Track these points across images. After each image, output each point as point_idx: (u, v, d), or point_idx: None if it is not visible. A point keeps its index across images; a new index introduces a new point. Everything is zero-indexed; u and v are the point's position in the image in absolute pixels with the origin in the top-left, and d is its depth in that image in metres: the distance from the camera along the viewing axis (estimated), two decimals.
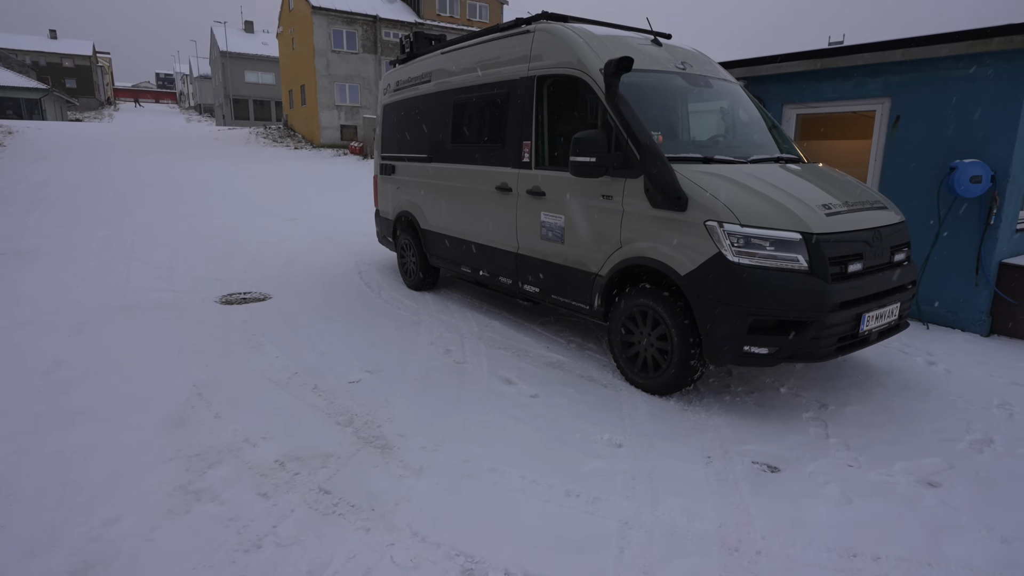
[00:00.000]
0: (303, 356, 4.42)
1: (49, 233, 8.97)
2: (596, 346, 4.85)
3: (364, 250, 8.52)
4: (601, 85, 3.97)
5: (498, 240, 5.11)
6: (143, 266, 7.17)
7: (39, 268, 6.90)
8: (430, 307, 5.90)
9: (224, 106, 49.95)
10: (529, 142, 4.68)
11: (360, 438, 3.17)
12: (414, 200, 6.40)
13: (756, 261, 3.30)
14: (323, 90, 30.05)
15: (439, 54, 5.98)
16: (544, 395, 3.84)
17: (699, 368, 3.69)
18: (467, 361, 4.43)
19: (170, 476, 2.75)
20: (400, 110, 6.65)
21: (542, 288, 4.73)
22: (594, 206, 4.10)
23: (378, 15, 30.39)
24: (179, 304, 5.69)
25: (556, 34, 4.46)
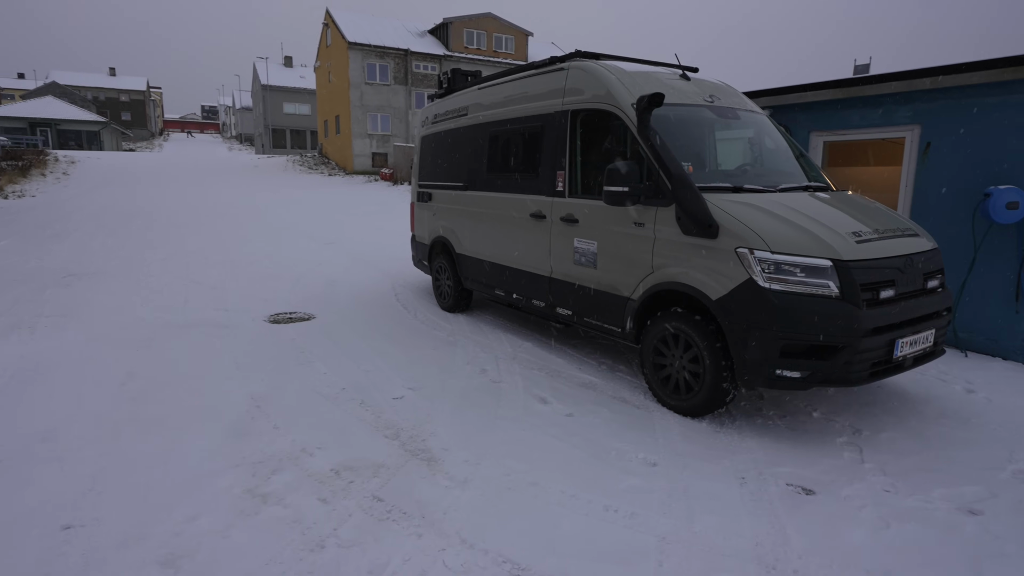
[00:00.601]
0: (349, 373, 4.68)
1: (112, 256, 9.57)
2: (627, 368, 4.99)
3: (399, 273, 8.85)
4: (633, 119, 4.20)
5: (532, 265, 5.33)
6: (198, 286, 7.62)
7: (107, 288, 7.40)
8: (464, 328, 6.12)
9: (263, 135, 52.04)
10: (563, 172, 4.93)
11: (407, 450, 3.38)
12: (450, 226, 6.69)
13: (787, 287, 3.44)
14: (356, 120, 31.15)
15: (476, 89, 6.32)
16: (579, 414, 4.00)
17: (731, 391, 3.81)
18: (503, 381, 4.62)
19: (239, 480, 3.00)
20: (437, 141, 7.00)
21: (575, 311, 4.92)
22: (626, 233, 4.30)
23: (409, 49, 31.52)
24: (232, 322, 6.05)
25: (589, 71, 4.72)
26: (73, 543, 2.52)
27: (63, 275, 8.08)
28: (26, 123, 46.89)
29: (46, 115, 48.37)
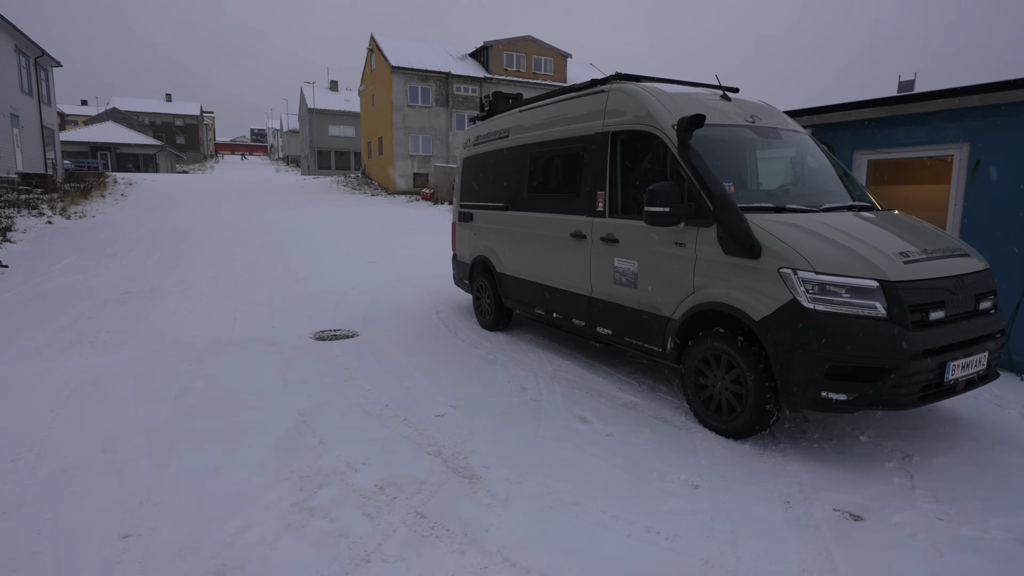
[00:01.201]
0: (392, 390, 4.77)
1: (166, 274, 10.03)
2: (667, 388, 4.94)
3: (440, 291, 8.98)
4: (674, 140, 4.21)
5: (572, 284, 5.36)
6: (246, 304, 7.91)
7: (162, 305, 7.75)
8: (504, 347, 6.17)
9: (309, 157, 53.85)
10: (603, 192, 4.96)
11: (449, 468, 3.43)
12: (490, 245, 6.79)
13: (832, 308, 3.37)
14: (399, 141, 31.96)
15: (517, 111, 6.45)
16: (619, 434, 3.97)
17: (775, 413, 3.73)
18: (543, 399, 4.63)
19: (287, 494, 3.10)
20: (479, 162, 7.14)
21: (615, 330, 4.91)
22: (667, 253, 4.29)
23: (450, 72, 32.29)
24: (279, 339, 6.25)
25: (629, 93, 4.77)
26: (131, 551, 2.64)
27: (121, 292, 8.51)
28: (88, 147, 49.83)
29: (106, 139, 51.34)
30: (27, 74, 23.31)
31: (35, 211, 17.42)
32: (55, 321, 6.83)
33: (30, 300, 7.90)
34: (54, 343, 5.97)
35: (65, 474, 3.31)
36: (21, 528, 2.78)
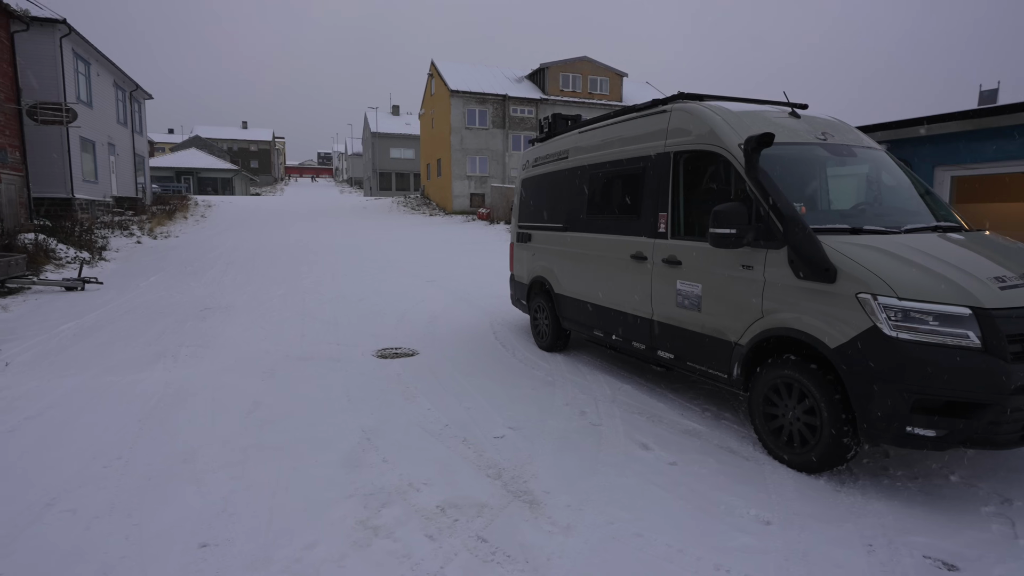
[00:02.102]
0: (451, 409, 4.82)
1: (241, 291, 10.60)
2: (732, 415, 4.76)
3: (497, 311, 9.05)
4: (740, 160, 4.11)
5: (632, 306, 5.28)
6: (313, 321, 8.23)
7: (236, 321, 8.19)
8: (562, 368, 6.13)
9: (371, 179, 55.89)
10: (665, 213, 4.88)
11: (509, 491, 3.41)
12: (548, 266, 6.79)
13: (918, 336, 3.16)
14: (456, 162, 32.70)
15: (576, 133, 6.47)
16: (683, 463, 3.85)
17: (853, 447, 3.52)
18: (603, 424, 4.56)
19: (352, 511, 3.17)
20: (538, 184, 7.19)
21: (677, 355, 4.78)
22: (734, 276, 4.16)
23: (507, 94, 32.88)
24: (344, 356, 6.46)
25: (693, 112, 4.70)
26: (208, 561, 2.76)
27: (200, 308, 9.04)
28: (173, 172, 53.71)
29: (189, 165, 55.23)
30: (123, 106, 25.44)
31: (126, 232, 18.85)
32: (142, 335, 7.33)
33: (122, 315, 8.52)
34: (141, 356, 6.39)
35: (150, 482, 3.52)
36: (112, 532, 2.97)
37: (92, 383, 5.45)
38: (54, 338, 7.16)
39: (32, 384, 5.40)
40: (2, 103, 15.88)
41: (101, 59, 22.07)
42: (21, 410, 4.74)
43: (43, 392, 5.19)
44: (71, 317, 8.30)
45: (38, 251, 12.53)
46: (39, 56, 17.88)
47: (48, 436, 4.23)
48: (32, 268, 11.19)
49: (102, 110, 22.58)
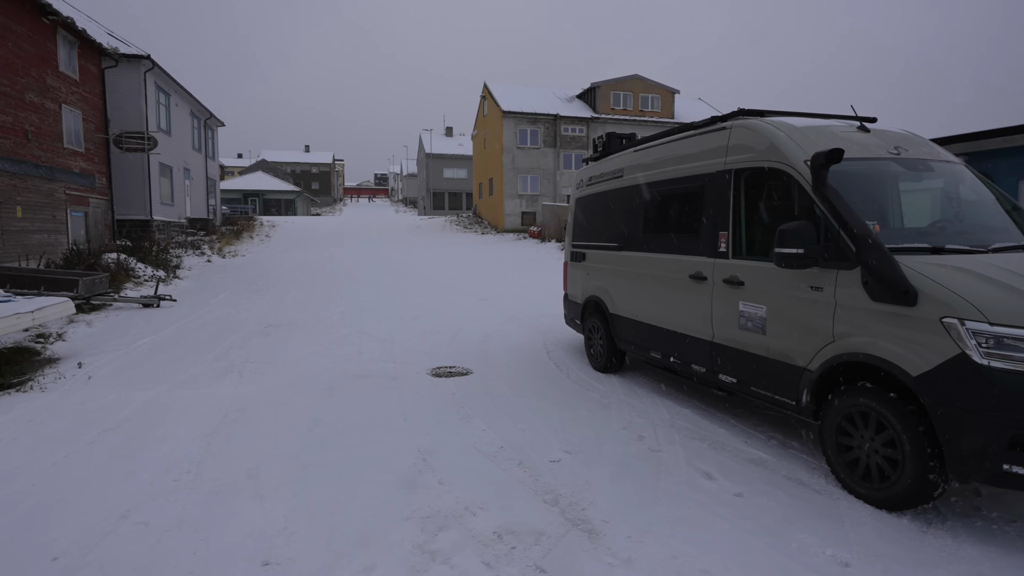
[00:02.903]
0: (506, 431, 4.78)
1: (302, 309, 10.98)
2: (800, 445, 4.50)
3: (550, 330, 8.98)
4: (807, 177, 3.94)
5: (691, 328, 5.11)
6: (370, 339, 8.40)
7: (297, 338, 8.46)
8: (618, 390, 5.99)
9: (425, 198, 57.20)
10: (726, 232, 4.73)
11: (567, 519, 3.33)
12: (603, 286, 6.70)
13: (1015, 365, 2.90)
14: (508, 182, 33.01)
15: (632, 151, 6.39)
16: (749, 495, 3.66)
17: (940, 484, 3.25)
18: (662, 450, 4.41)
19: (409, 534, 3.16)
20: (592, 202, 7.14)
21: (740, 379, 4.59)
22: (801, 297, 3.97)
23: (558, 113, 33.06)
24: (399, 374, 6.54)
25: (755, 129, 4.55)
26: None
27: (264, 325, 9.40)
28: (241, 194, 56.68)
29: (255, 187, 58.21)
30: (198, 134, 27.12)
31: (198, 251, 19.95)
32: (211, 351, 7.67)
33: (193, 331, 8.97)
34: (210, 371, 6.69)
35: (216, 497, 3.63)
36: (181, 547, 3.07)
37: (165, 397, 5.73)
38: (131, 353, 7.59)
39: (111, 397, 5.73)
40: (92, 133, 17.23)
41: (180, 90, 23.66)
42: (100, 422, 5.02)
43: (120, 405, 5.49)
44: (147, 333, 8.80)
45: (119, 270, 13.40)
46: (125, 89, 19.34)
47: (124, 448, 4.45)
48: (114, 286, 11.96)
49: (179, 138, 24.13)
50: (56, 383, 6.24)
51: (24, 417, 5.16)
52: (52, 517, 3.40)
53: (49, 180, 14.67)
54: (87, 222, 16.72)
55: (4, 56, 13.01)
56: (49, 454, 4.33)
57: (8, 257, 12.38)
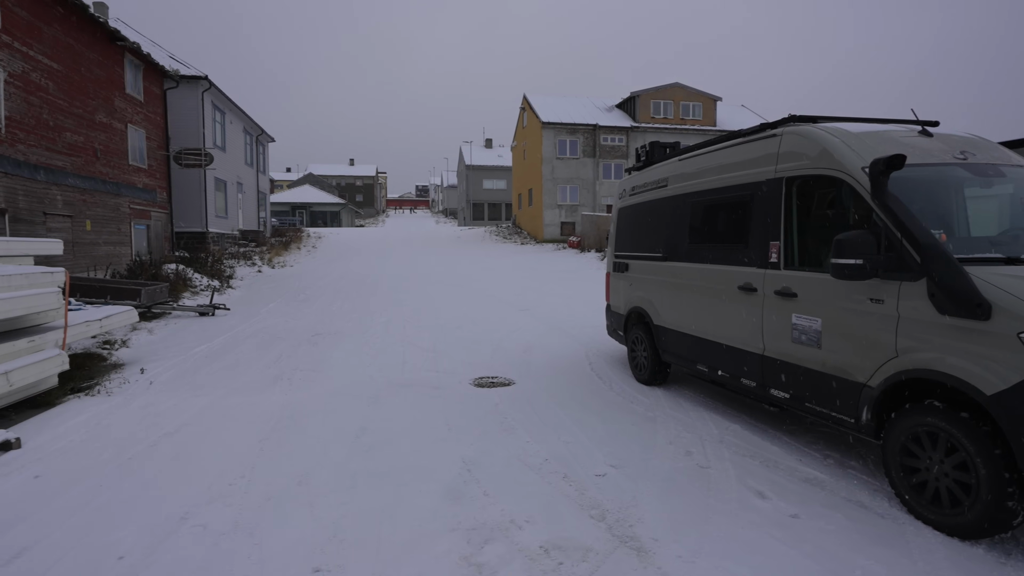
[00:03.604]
0: (550, 443, 4.74)
1: (347, 318, 11.23)
2: (860, 465, 4.30)
3: (592, 340, 8.90)
4: (864, 184, 3.80)
5: (740, 340, 4.97)
6: (414, 349, 8.51)
7: (343, 347, 8.65)
8: (663, 404, 5.87)
9: (465, 209, 57.82)
10: (777, 242, 4.60)
11: (615, 536, 3.26)
12: (647, 296, 6.60)
13: None
14: (547, 192, 33.05)
15: (676, 160, 6.30)
16: (806, 516, 3.51)
17: (1020, 512, 3.03)
18: (711, 466, 4.28)
19: (455, 546, 3.16)
20: (635, 213, 7.06)
21: (793, 395, 4.42)
22: (860, 310, 3.81)
23: (598, 123, 32.96)
24: (442, 384, 6.60)
25: (807, 135, 4.42)
26: None
27: (312, 334, 9.65)
28: (289, 207, 58.59)
29: (303, 200, 60.11)
30: (250, 149, 28.24)
31: (249, 262, 20.70)
32: (262, 359, 7.92)
33: (245, 339, 9.28)
34: (262, 378, 6.90)
35: (269, 502, 3.73)
36: (236, 550, 3.16)
37: (220, 403, 5.94)
38: (189, 360, 7.91)
39: (171, 402, 5.98)
40: (154, 150, 18.16)
41: (234, 108, 24.72)
42: (161, 427, 5.23)
43: (179, 410, 5.72)
44: (203, 340, 9.16)
45: (178, 280, 14.03)
46: (184, 108, 20.34)
47: (183, 452, 4.63)
48: (172, 295, 12.52)
49: (233, 153, 25.18)
50: (121, 388, 6.55)
51: (93, 420, 5.44)
52: (118, 517, 3.55)
53: (115, 195, 15.51)
54: (149, 234, 17.58)
55: (78, 80, 13.89)
56: (115, 456, 4.54)
57: (78, 268, 13.13)
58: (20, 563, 3.06)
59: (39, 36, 12.48)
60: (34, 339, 6.09)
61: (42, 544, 3.24)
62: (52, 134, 12.87)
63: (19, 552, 3.16)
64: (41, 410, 5.80)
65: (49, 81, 12.81)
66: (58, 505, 3.72)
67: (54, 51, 12.98)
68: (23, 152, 11.89)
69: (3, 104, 11.35)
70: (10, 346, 5.71)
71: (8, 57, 11.53)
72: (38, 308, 6.13)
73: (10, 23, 11.62)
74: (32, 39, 12.25)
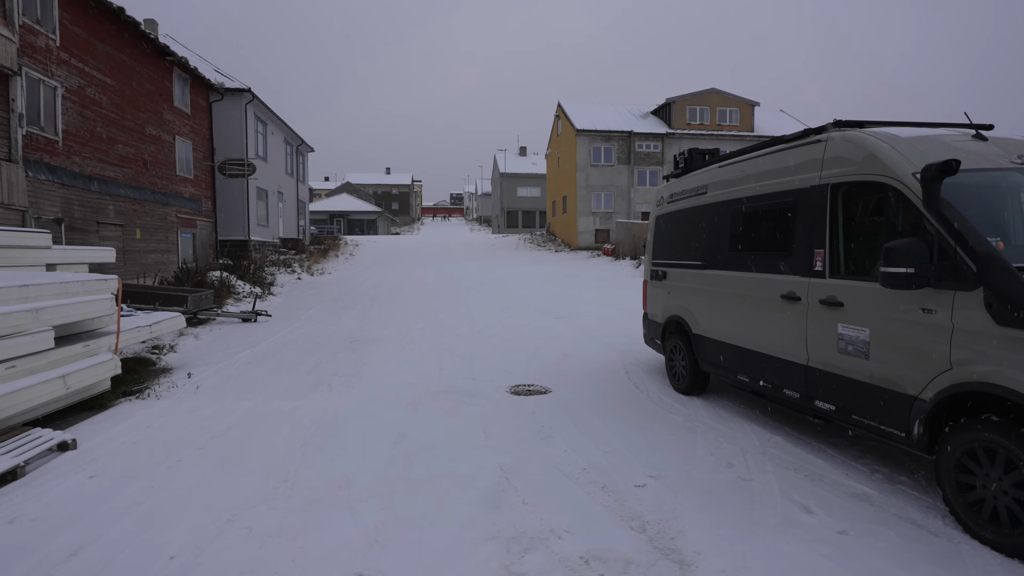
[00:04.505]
0: (588, 452, 4.71)
1: (384, 325, 11.40)
2: (910, 480, 4.14)
3: (628, 349, 8.81)
4: (915, 191, 3.67)
5: (783, 350, 4.86)
6: (450, 356, 8.58)
7: (381, 353, 8.79)
8: (702, 414, 5.77)
9: (499, 217, 58.08)
10: (822, 250, 4.48)
11: (656, 548, 3.22)
12: (686, 305, 6.50)
13: None
14: (582, 199, 32.94)
15: (716, 167, 6.21)
16: (854, 533, 3.39)
17: None
18: (753, 479, 4.19)
19: (495, 554, 3.17)
20: (674, 220, 6.98)
21: (840, 407, 4.29)
22: (911, 320, 3.68)
23: (632, 130, 32.72)
24: (479, 391, 6.63)
25: (854, 140, 4.31)
26: None
27: (351, 340, 9.83)
28: (327, 215, 59.95)
29: (341, 208, 61.41)
30: (290, 159, 29.04)
31: (289, 269, 21.24)
32: (303, 364, 8.11)
33: (286, 345, 9.52)
34: (302, 384, 7.06)
35: (312, 506, 3.81)
36: (281, 553, 3.23)
37: (263, 407, 6.10)
38: (233, 364, 8.15)
39: (216, 406, 6.17)
40: (200, 161, 18.85)
41: (275, 119, 25.49)
42: (208, 430, 5.41)
43: (224, 413, 5.90)
44: (246, 346, 9.43)
45: (222, 286, 14.49)
46: (229, 119, 21.09)
47: (228, 455, 4.77)
48: (217, 301, 12.94)
49: (274, 163, 25.94)
50: (169, 391, 6.80)
51: (143, 423, 5.66)
52: (168, 518, 3.68)
53: (163, 204, 16.16)
54: (194, 243, 18.24)
55: (129, 94, 14.56)
56: (164, 458, 4.71)
57: (128, 275, 13.70)
58: (77, 561, 3.20)
59: (94, 53, 13.14)
60: (89, 344, 6.39)
61: (98, 543, 3.38)
62: (105, 146, 13.50)
63: (76, 550, 3.31)
64: (95, 412, 6.06)
65: (103, 95, 13.46)
66: (112, 505, 3.88)
67: (108, 67, 13.64)
68: (78, 164, 12.51)
69: (60, 118, 11.97)
70: (67, 350, 5.99)
71: (66, 73, 12.17)
72: (93, 314, 6.43)
73: (68, 41, 12.27)
74: (88, 56, 12.91)
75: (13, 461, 4.38)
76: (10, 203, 10.06)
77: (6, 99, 10.23)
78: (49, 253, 7.45)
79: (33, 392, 5.15)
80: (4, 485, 4.24)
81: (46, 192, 11.45)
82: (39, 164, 11.27)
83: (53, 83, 11.79)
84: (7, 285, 5.28)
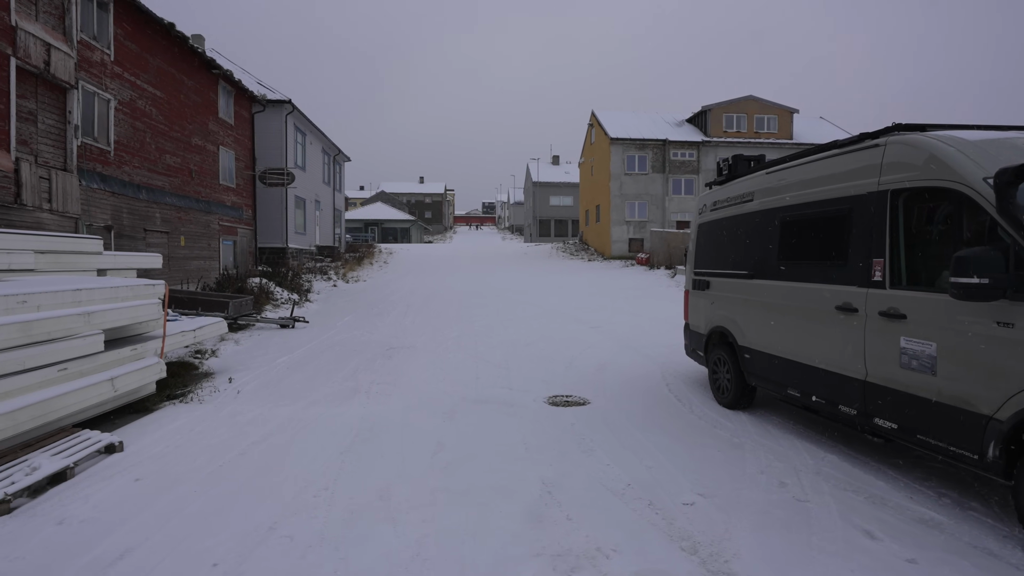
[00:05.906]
0: (632, 467, 4.55)
1: (419, 333, 11.42)
2: (982, 506, 3.86)
3: (668, 361, 8.60)
4: (987, 196, 3.45)
5: (838, 364, 4.62)
6: (486, 365, 8.51)
7: (417, 361, 8.78)
8: (749, 430, 5.54)
9: (531, 226, 58.13)
10: (882, 259, 4.25)
11: (709, 571, 3.06)
12: (731, 316, 6.29)
13: None
14: (615, 208, 32.64)
15: (763, 174, 6.01)
16: (925, 563, 3.16)
17: None
18: (809, 500, 3.97)
19: (541, 572, 3.05)
20: (717, 228, 6.78)
21: (903, 425, 4.04)
22: (984, 334, 3.44)
23: (667, 138, 32.33)
24: (516, 401, 6.53)
25: (916, 145, 4.09)
26: None
27: (386, 348, 9.86)
28: (362, 223, 60.96)
29: (375, 217, 62.41)
30: (328, 169, 29.63)
31: (325, 276, 21.58)
32: (340, 371, 8.15)
33: (323, 352, 9.61)
34: (340, 391, 7.08)
35: (352, 516, 3.76)
36: (323, 564, 3.18)
37: (302, 414, 6.12)
38: (272, 370, 8.25)
39: (256, 411, 6.22)
40: (242, 170, 19.36)
41: (314, 130, 26.05)
42: (248, 435, 5.44)
43: (265, 419, 5.94)
44: (285, 352, 9.55)
45: (261, 293, 14.78)
46: (269, 130, 21.64)
47: (269, 462, 4.77)
48: (256, 307, 13.19)
49: (312, 173, 26.49)
50: (211, 396, 6.90)
51: (186, 427, 5.74)
52: (211, 524, 3.68)
53: (207, 213, 16.61)
54: (235, 250, 18.69)
55: (177, 106, 15.06)
56: (207, 463, 4.75)
57: (172, 281, 14.10)
58: (123, 565, 3.21)
59: (145, 67, 13.64)
60: (136, 347, 6.53)
61: (143, 547, 3.40)
62: (154, 156, 13.98)
63: (122, 554, 3.32)
64: (140, 415, 6.18)
65: (152, 107, 13.94)
66: (157, 509, 3.90)
67: (157, 80, 14.15)
68: (128, 173, 12.96)
69: (112, 129, 12.44)
70: (115, 353, 6.13)
71: (119, 87, 12.66)
72: (141, 318, 6.58)
73: (121, 55, 12.76)
74: (139, 69, 13.41)
75: (64, 462, 4.47)
76: (64, 211, 10.47)
77: (63, 111, 10.68)
78: (100, 259, 7.68)
79: (83, 394, 5.28)
80: (55, 485, 4.32)
81: (97, 200, 11.88)
82: (92, 173, 11.71)
83: (107, 96, 12.27)
84: (61, 289, 5.44)
